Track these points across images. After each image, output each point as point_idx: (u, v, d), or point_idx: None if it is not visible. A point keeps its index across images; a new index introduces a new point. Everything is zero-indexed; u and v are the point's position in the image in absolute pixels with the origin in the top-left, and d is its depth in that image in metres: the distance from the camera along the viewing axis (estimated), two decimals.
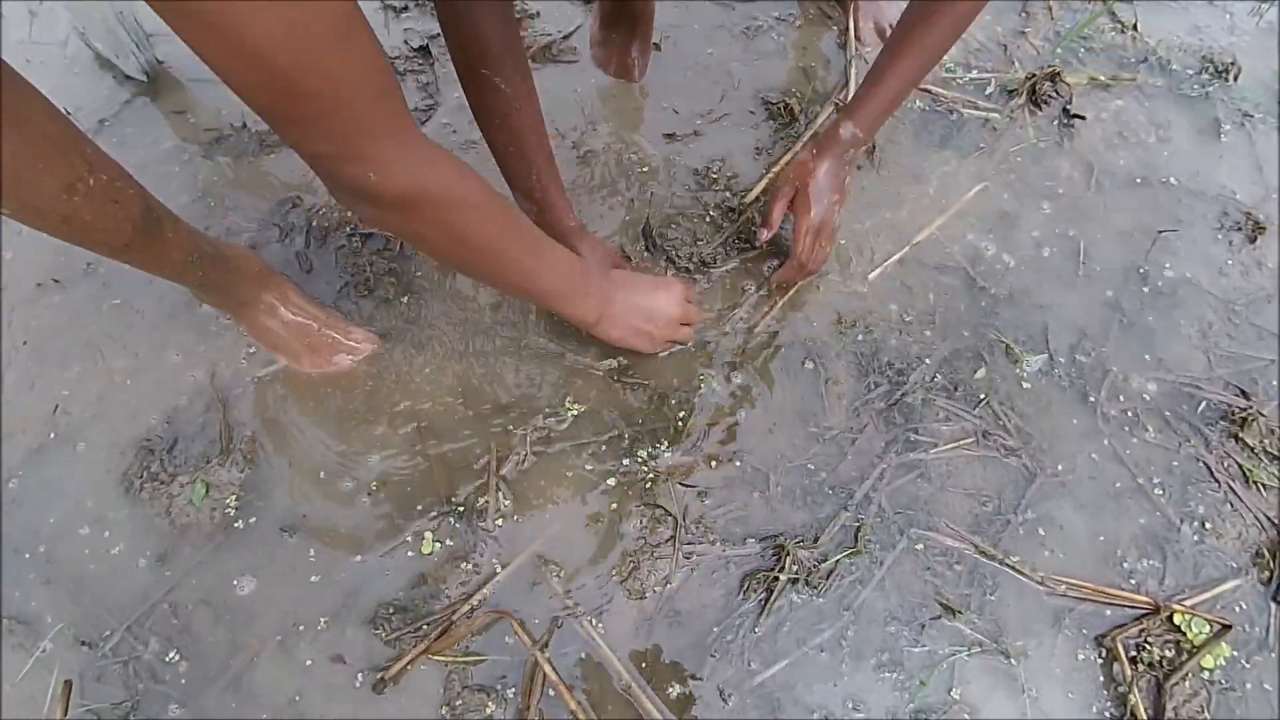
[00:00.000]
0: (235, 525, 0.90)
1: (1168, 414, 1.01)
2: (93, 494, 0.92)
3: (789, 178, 0.99)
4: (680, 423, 0.97)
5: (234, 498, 0.92)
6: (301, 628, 0.85)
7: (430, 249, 0.74)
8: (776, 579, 0.88)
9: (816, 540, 0.91)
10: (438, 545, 0.89)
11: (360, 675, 0.83)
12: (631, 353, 0.99)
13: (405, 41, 1.28)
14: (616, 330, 0.92)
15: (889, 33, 1.28)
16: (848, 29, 1.30)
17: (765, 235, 1.02)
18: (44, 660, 0.84)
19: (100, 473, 0.93)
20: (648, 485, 0.93)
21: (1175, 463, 0.98)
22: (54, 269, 1.06)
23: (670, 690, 0.84)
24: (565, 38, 1.29)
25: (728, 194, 1.14)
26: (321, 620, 0.86)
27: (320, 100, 0.53)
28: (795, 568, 0.88)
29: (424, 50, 1.27)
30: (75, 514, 0.91)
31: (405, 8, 1.31)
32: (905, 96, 0.95)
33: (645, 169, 1.17)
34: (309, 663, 0.84)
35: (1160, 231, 1.13)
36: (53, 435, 0.95)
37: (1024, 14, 1.36)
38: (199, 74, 1.22)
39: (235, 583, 0.88)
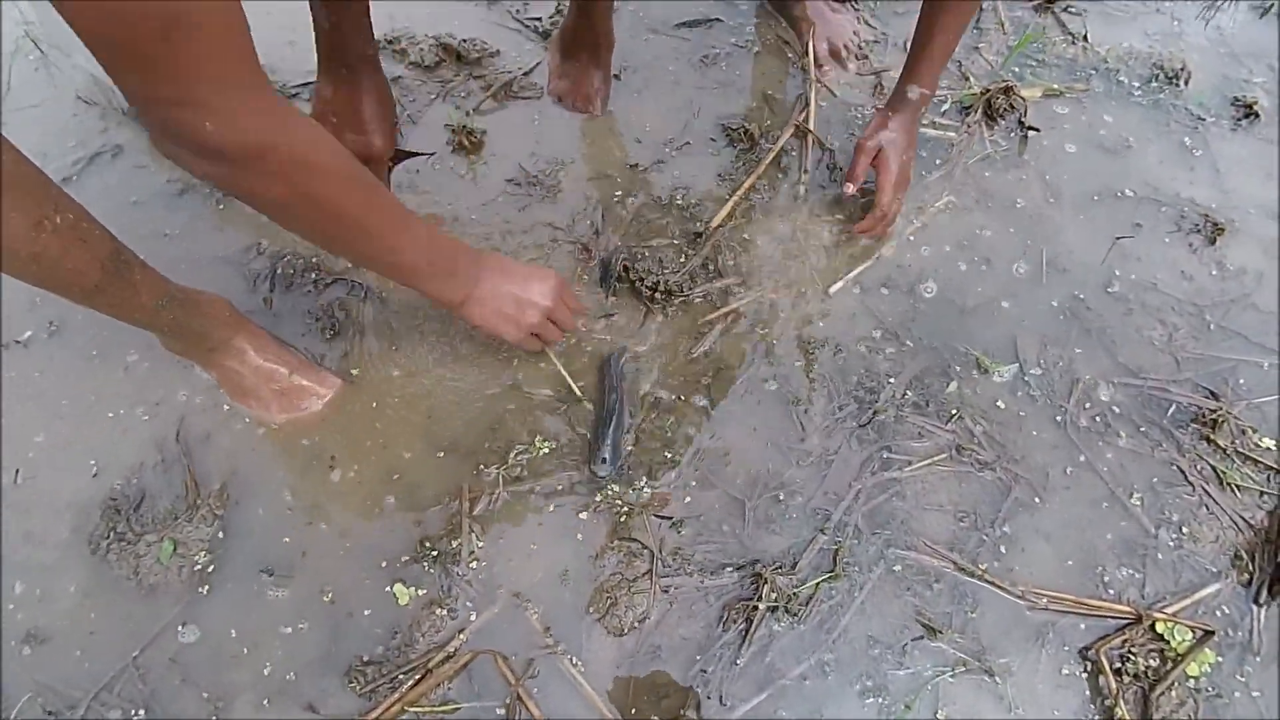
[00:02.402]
0: (204, 582, 0.89)
1: (1138, 419, 1.01)
2: (58, 557, 0.90)
3: (871, 135, 1.07)
4: (653, 455, 0.97)
5: (203, 553, 0.90)
6: (273, 682, 0.84)
7: (279, 214, 0.69)
8: (756, 608, 0.87)
9: (795, 566, 0.90)
10: (413, 593, 0.88)
11: None
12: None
13: None
14: (481, 313, 0.88)
15: (843, 53, 1.31)
16: (805, 52, 1.32)
17: (851, 189, 1.09)
18: None
19: (66, 534, 0.92)
20: (622, 519, 0.93)
21: (1148, 468, 0.98)
22: (18, 330, 1.05)
23: None
24: (526, 74, 1.30)
25: (693, 221, 1.15)
26: (292, 673, 0.84)
27: (165, 33, 0.50)
28: (774, 595, 0.88)
29: None
30: (40, 578, 0.90)
31: None
32: (955, 46, 1.03)
33: (609, 199, 1.17)
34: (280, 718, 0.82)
35: (1118, 238, 1.15)
36: (14, 498, 0.94)
37: (977, 30, 1.39)
38: None
39: (204, 640, 0.86)
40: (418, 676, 0.83)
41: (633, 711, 0.83)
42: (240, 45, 0.56)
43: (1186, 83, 1.31)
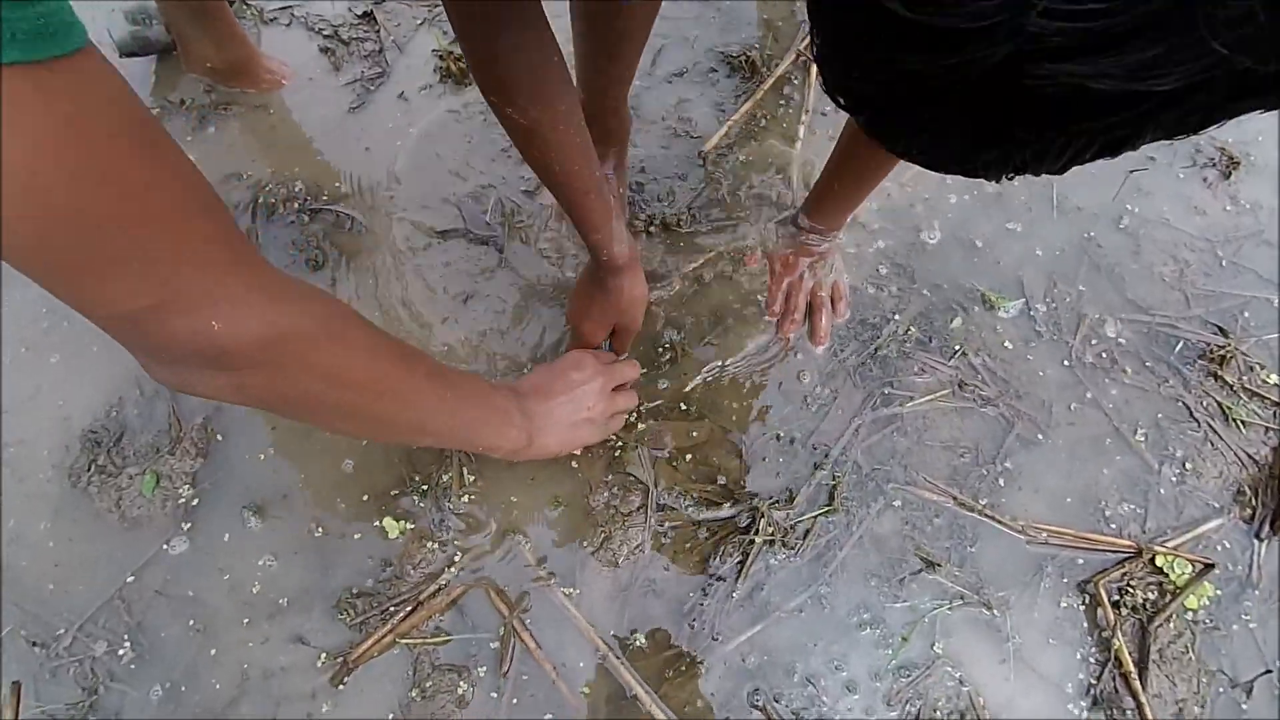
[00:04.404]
0: (188, 517, 0.87)
1: (1144, 356, 0.99)
2: (37, 490, 0.88)
3: (792, 270, 0.98)
4: (650, 389, 0.94)
5: (186, 487, 0.88)
6: (261, 613, 0.82)
7: (301, 410, 0.55)
8: (752, 542, 0.86)
9: (792, 500, 0.89)
10: (403, 526, 0.86)
11: (322, 658, 0.81)
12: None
13: (349, 9, 1.22)
14: (556, 442, 0.80)
15: None
16: None
17: (788, 334, 0.98)
18: None
19: (46, 468, 0.89)
20: (617, 453, 0.90)
21: (1153, 404, 0.96)
22: None
23: (648, 660, 0.81)
24: None
25: (692, 152, 1.10)
26: (280, 605, 0.83)
27: (128, 228, 0.37)
28: (771, 529, 0.86)
29: (368, 16, 1.21)
30: (22, 512, 0.87)
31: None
32: (865, 195, 0.89)
33: None
34: (269, 649, 0.81)
35: (1130, 171, 1.11)
36: None
37: None
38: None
39: (189, 573, 0.84)
40: (409, 609, 0.82)
41: (626, 644, 0.82)
42: (223, 222, 0.44)
43: None
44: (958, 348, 0.98)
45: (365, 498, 0.88)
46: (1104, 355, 0.98)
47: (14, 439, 0.91)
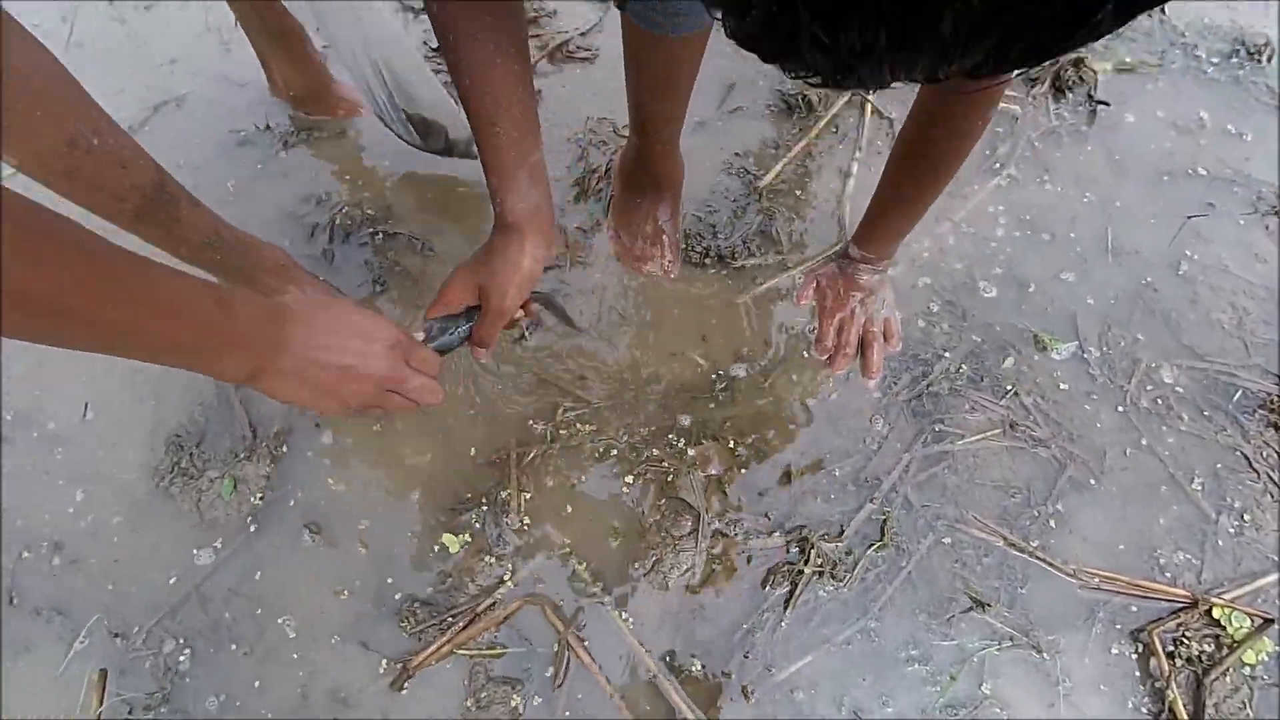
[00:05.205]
0: (262, 519, 0.91)
1: (1202, 403, 0.98)
2: (123, 486, 0.94)
3: (844, 304, 0.97)
4: (704, 415, 0.97)
5: (260, 494, 0.93)
6: (326, 617, 0.86)
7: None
8: (801, 572, 0.87)
9: (841, 533, 0.90)
10: (462, 540, 0.90)
11: (384, 664, 0.84)
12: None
13: (424, 42, 1.29)
14: (283, 387, 0.61)
15: None
16: None
17: (840, 368, 0.97)
18: (83, 652, 0.85)
19: (131, 468, 0.95)
20: (670, 478, 0.93)
21: (1211, 453, 0.95)
22: None
23: (696, 684, 0.83)
24: (582, 35, 1.29)
25: (747, 185, 1.13)
26: (343, 611, 0.86)
27: None
28: (820, 561, 0.87)
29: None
30: (109, 507, 0.93)
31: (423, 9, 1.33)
32: (914, 221, 0.88)
33: None
34: (333, 652, 0.85)
35: (1189, 217, 1.11)
36: (84, 431, 0.97)
37: None
38: (223, 75, 1.24)
39: (258, 574, 0.89)
40: (466, 620, 0.85)
41: (675, 666, 0.84)
42: None
43: (1269, 59, 1.25)
44: (1009, 387, 0.99)
45: (427, 510, 0.91)
46: (1160, 401, 0.98)
47: (105, 437, 0.97)
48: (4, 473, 0.94)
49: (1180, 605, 0.87)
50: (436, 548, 0.89)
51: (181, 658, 0.85)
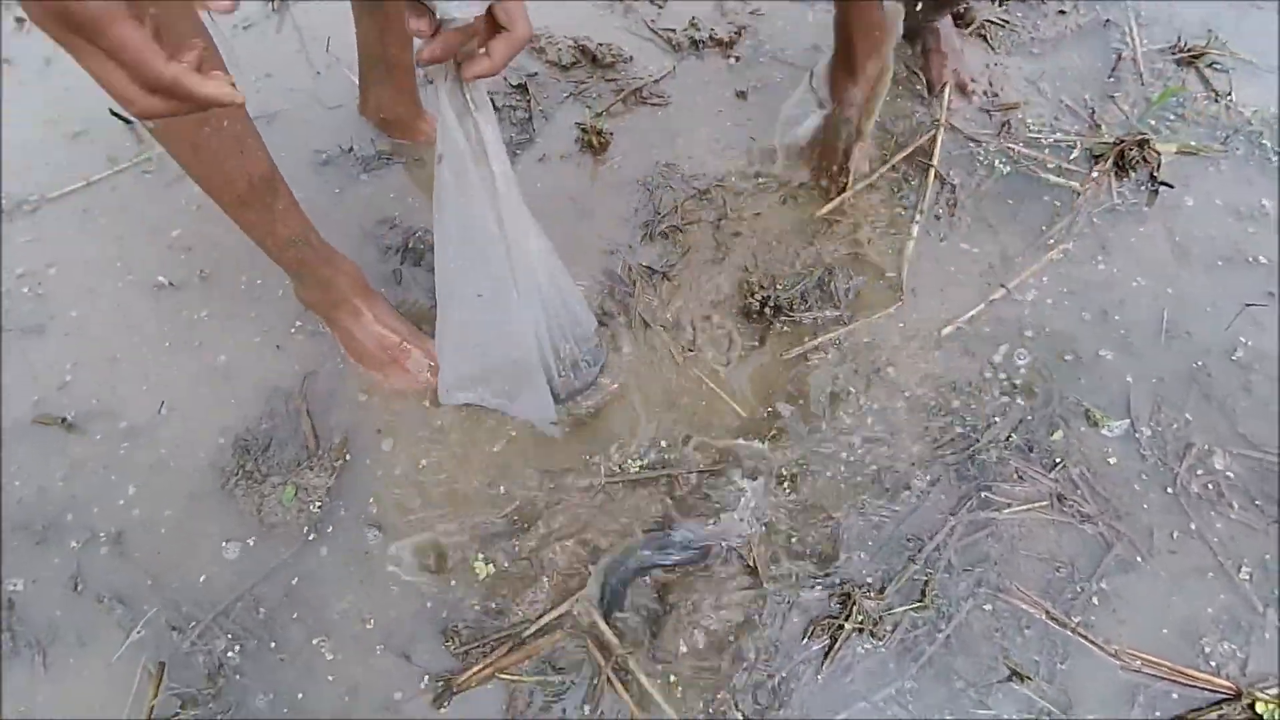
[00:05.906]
0: (319, 528, 0.95)
1: (1254, 492, 0.98)
2: (188, 484, 0.98)
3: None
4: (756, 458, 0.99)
5: (319, 501, 0.96)
6: (373, 629, 0.88)
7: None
8: (841, 627, 0.88)
9: (883, 591, 0.91)
10: (507, 566, 0.92)
11: (425, 680, 0.86)
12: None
13: (504, 79, 1.34)
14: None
15: (970, 86, 1.30)
16: (934, 86, 1.33)
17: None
18: (137, 643, 0.88)
19: (202, 467, 0.99)
20: (714, 520, 0.94)
21: (1261, 544, 0.95)
22: (170, 271, 1.14)
23: None
24: (656, 81, 1.34)
25: (809, 236, 1.16)
26: (390, 625, 0.89)
27: None
28: (860, 617, 0.88)
29: (521, 88, 1.33)
30: (171, 501, 0.97)
31: None
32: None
33: (736, 214, 1.20)
34: (378, 663, 0.87)
35: (1248, 304, 1.11)
36: (157, 429, 1.02)
37: (1113, 78, 1.37)
38: (315, 97, 1.31)
39: (312, 582, 0.91)
40: (509, 645, 0.87)
41: (713, 714, 0.85)
42: None
43: None
44: (1059, 460, 0.99)
45: (483, 533, 0.94)
46: (1210, 487, 0.98)
47: (176, 436, 1.01)
48: (74, 462, 0.99)
49: (1223, 696, 0.86)
50: (483, 570, 0.92)
51: (231, 653, 0.88)
